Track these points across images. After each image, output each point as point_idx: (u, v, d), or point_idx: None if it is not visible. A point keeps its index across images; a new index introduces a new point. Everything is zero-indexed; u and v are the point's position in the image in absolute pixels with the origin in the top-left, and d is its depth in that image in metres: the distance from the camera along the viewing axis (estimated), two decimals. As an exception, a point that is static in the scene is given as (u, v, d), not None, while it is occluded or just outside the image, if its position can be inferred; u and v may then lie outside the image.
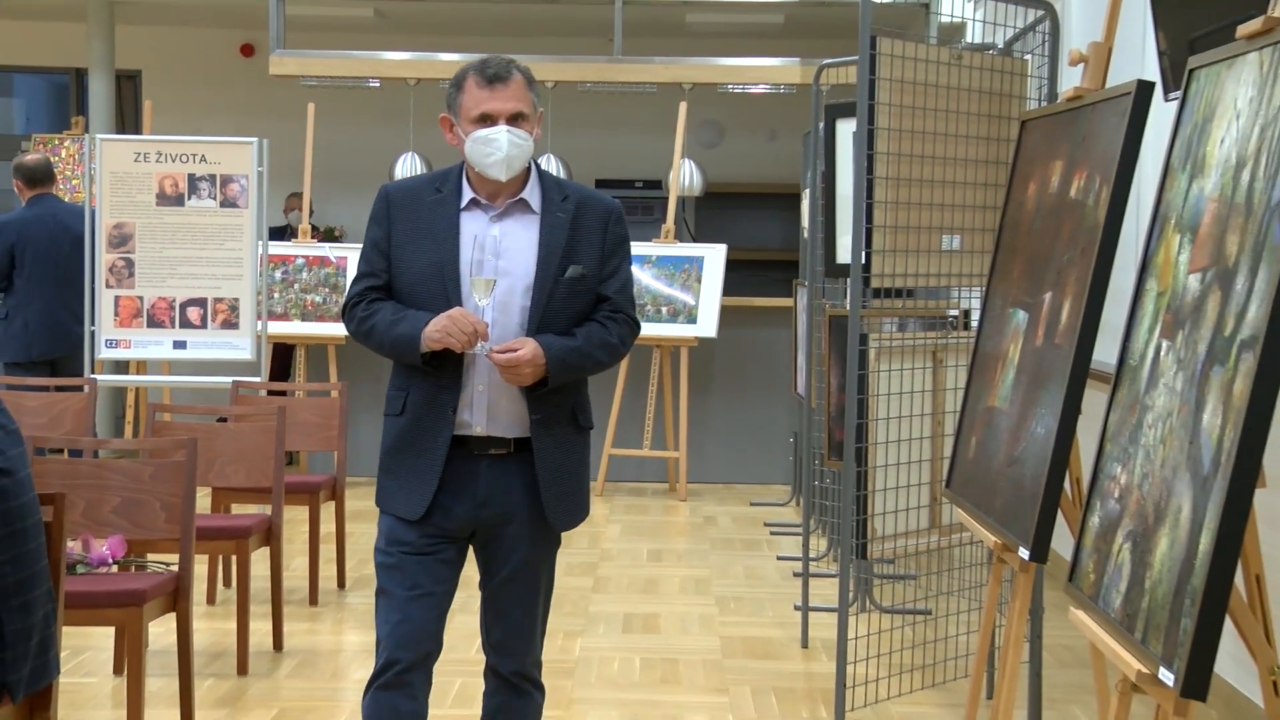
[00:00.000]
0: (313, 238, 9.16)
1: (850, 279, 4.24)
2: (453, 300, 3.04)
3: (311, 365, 9.01)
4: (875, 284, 4.37)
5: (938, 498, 4.70)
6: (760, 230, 11.29)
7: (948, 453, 4.23)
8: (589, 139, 10.98)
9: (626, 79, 9.25)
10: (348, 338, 3.44)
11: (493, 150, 3.02)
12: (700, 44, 10.42)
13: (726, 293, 8.72)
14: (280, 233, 9.58)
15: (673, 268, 8.77)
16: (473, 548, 3.20)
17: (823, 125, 6.06)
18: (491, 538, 3.14)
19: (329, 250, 8.91)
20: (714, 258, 8.76)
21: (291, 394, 7.17)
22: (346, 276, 8.65)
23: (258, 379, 7.19)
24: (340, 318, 3.25)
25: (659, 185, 10.65)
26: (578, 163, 10.06)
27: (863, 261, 4.21)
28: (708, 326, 8.59)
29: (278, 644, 5.13)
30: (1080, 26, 6.32)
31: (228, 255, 7.28)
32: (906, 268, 4.39)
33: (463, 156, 3.11)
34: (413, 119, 8.92)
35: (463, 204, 3.12)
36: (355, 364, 8.58)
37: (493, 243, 3.06)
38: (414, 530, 3.09)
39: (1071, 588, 2.96)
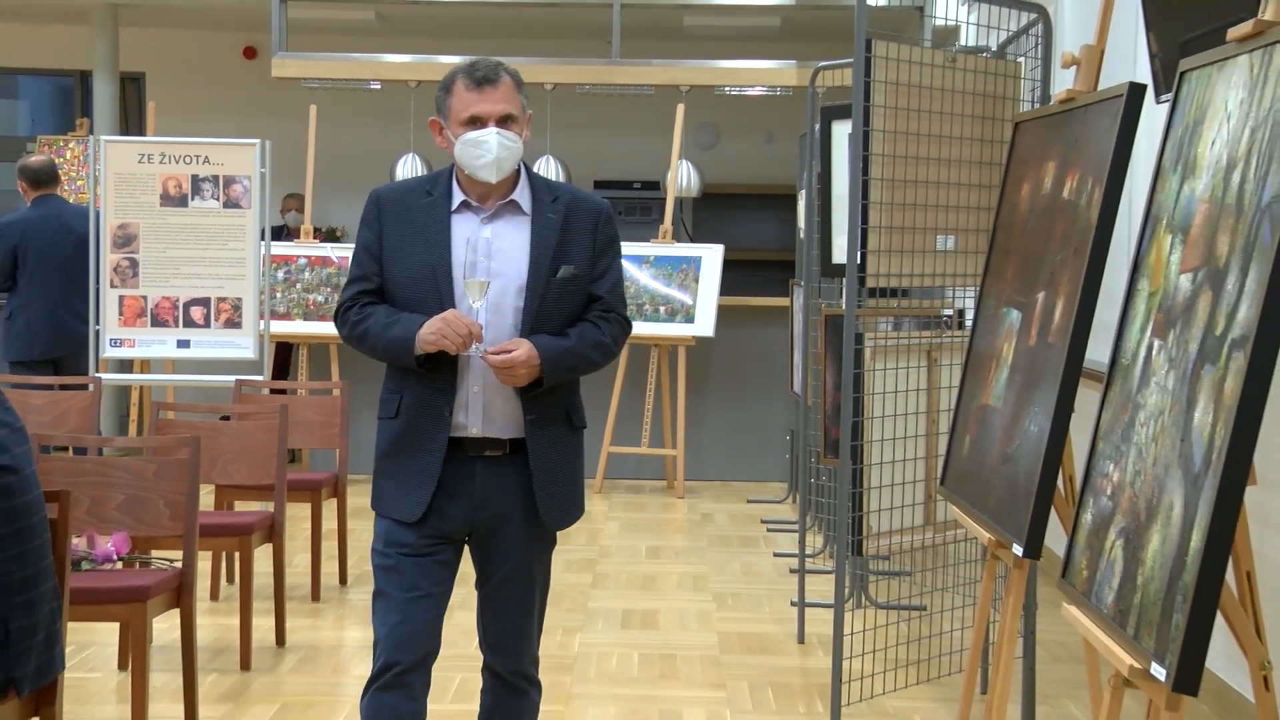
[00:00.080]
0: (314, 238, 9.15)
1: (846, 279, 4.24)
2: (446, 303, 3.02)
3: (313, 364, 9.01)
4: (870, 284, 4.37)
5: (932, 495, 4.70)
6: (757, 231, 11.29)
7: (942, 450, 4.23)
8: (587, 140, 10.98)
9: (624, 81, 9.25)
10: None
11: (482, 152, 3.01)
12: (697, 46, 10.41)
13: (723, 292, 8.71)
14: (277, 233, 9.57)
15: (670, 268, 8.77)
16: (468, 548, 3.18)
17: (818, 127, 6.06)
18: (488, 539, 3.13)
19: (331, 250, 8.90)
20: (711, 258, 8.76)
21: (294, 392, 7.17)
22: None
23: (260, 378, 7.19)
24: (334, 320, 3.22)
25: (657, 186, 10.65)
26: (576, 164, 10.05)
27: (858, 261, 4.21)
28: (705, 326, 8.59)
29: (280, 639, 5.13)
30: (1072, 29, 6.32)
31: (231, 255, 7.28)
32: (901, 268, 4.39)
33: (452, 159, 3.09)
34: (413, 120, 8.90)
35: (453, 206, 3.09)
36: (356, 363, 8.57)
37: (484, 244, 3.04)
38: (412, 532, 3.06)
39: (1064, 584, 2.96)
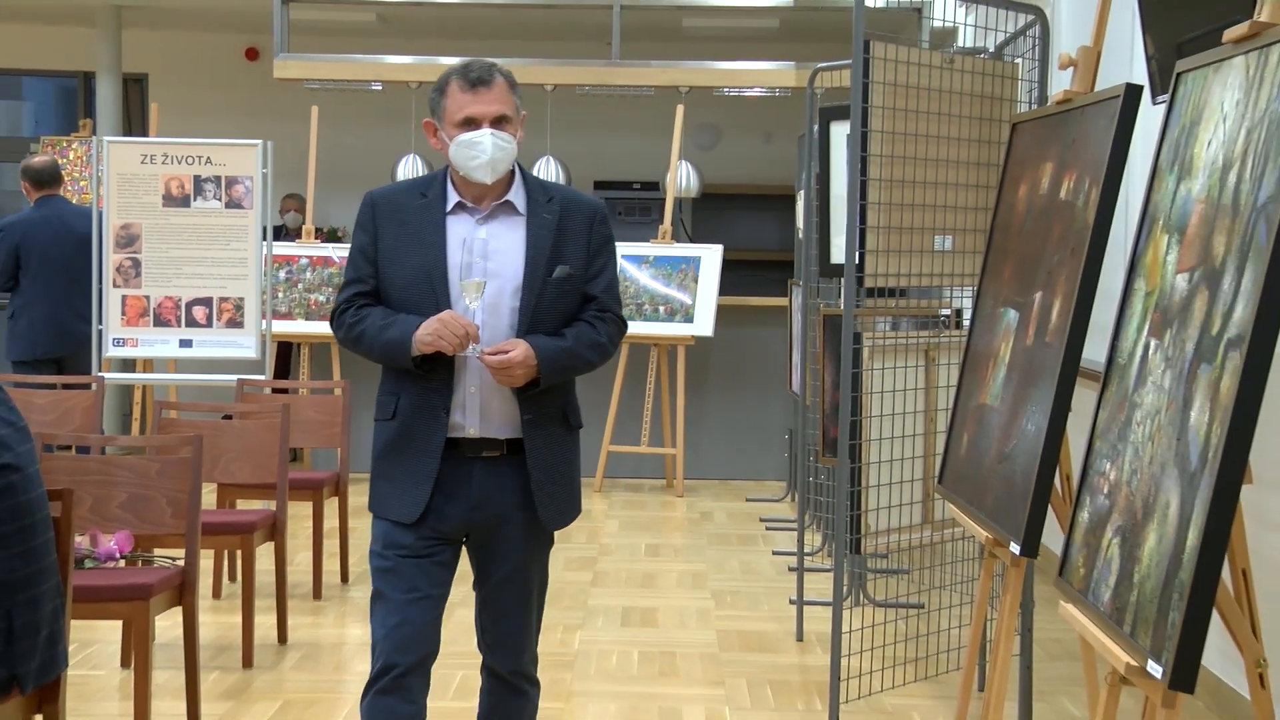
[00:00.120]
0: (316, 238, 9.15)
1: (844, 279, 4.24)
2: (442, 304, 3.00)
3: (315, 363, 9.01)
4: (869, 284, 4.37)
5: (930, 494, 4.70)
6: (756, 231, 11.29)
7: (940, 449, 4.23)
8: (587, 141, 10.97)
9: (624, 82, 9.24)
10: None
11: (477, 153, 2.99)
12: (697, 48, 10.40)
13: (723, 292, 8.71)
14: (276, 233, 9.54)
15: (670, 268, 8.77)
16: (466, 549, 3.16)
17: (817, 128, 6.06)
18: (486, 539, 3.11)
19: (332, 250, 8.90)
20: (710, 258, 8.76)
21: (295, 392, 7.17)
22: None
23: (262, 377, 7.19)
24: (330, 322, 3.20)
25: (656, 187, 10.64)
26: (576, 165, 10.05)
27: (856, 261, 4.21)
28: (704, 325, 8.59)
29: (282, 637, 5.13)
30: (1070, 31, 6.31)
31: (233, 255, 7.28)
32: (899, 268, 4.39)
33: (447, 161, 3.07)
34: (414, 121, 8.88)
35: (448, 208, 3.08)
36: (357, 363, 8.49)
37: (480, 245, 3.03)
38: (410, 533, 3.05)
39: (1061, 582, 2.96)
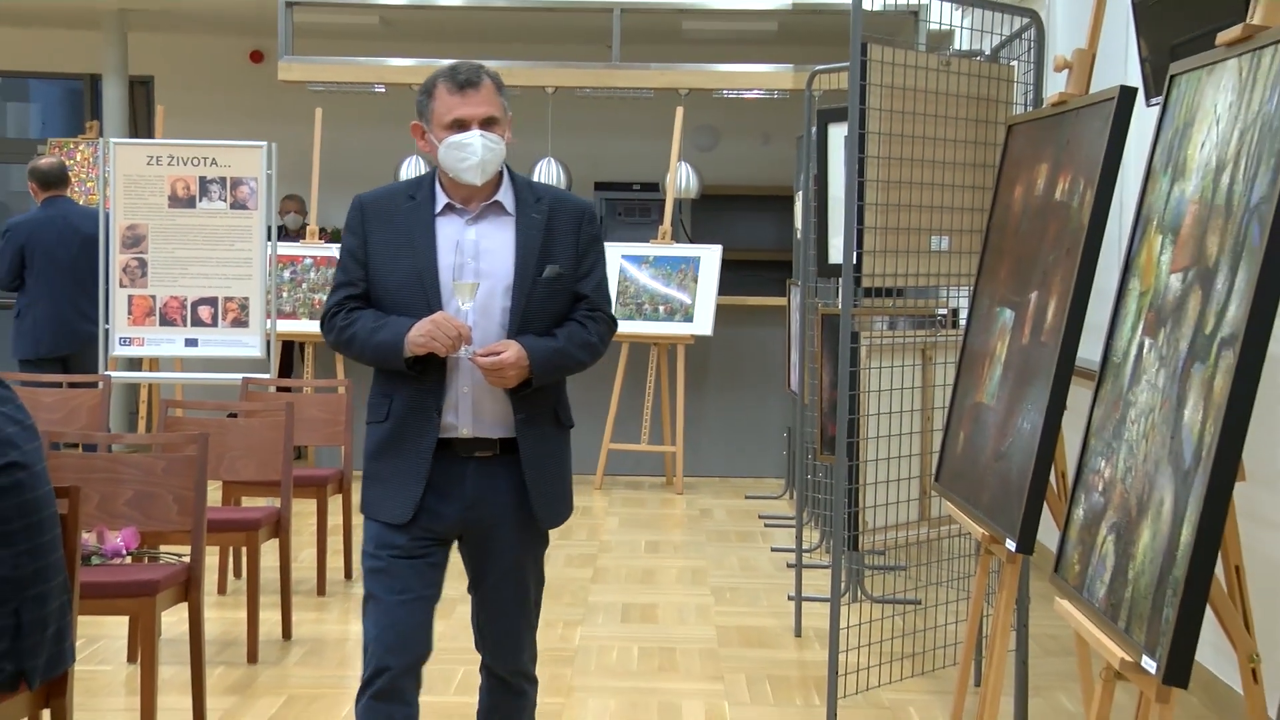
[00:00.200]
0: (320, 238, 9.15)
1: (842, 279, 4.24)
2: (433, 305, 2.99)
3: (318, 363, 9.01)
4: (866, 283, 4.37)
5: (927, 491, 4.70)
6: (755, 231, 11.29)
7: (937, 447, 4.23)
8: (588, 143, 10.98)
9: (624, 84, 9.24)
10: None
11: (467, 155, 2.97)
12: (696, 50, 10.40)
13: (722, 292, 8.71)
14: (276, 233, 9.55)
15: (670, 268, 8.77)
16: (459, 551, 3.13)
17: (815, 129, 6.06)
18: (480, 541, 3.09)
19: (336, 250, 8.88)
20: (710, 258, 8.76)
21: (300, 390, 7.17)
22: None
23: (267, 376, 7.18)
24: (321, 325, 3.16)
25: (656, 188, 10.65)
26: (577, 166, 10.05)
27: (854, 262, 4.21)
28: (704, 325, 8.59)
29: (286, 633, 5.13)
30: (1065, 34, 6.31)
31: (238, 256, 7.28)
32: (897, 268, 4.39)
33: (435, 163, 3.05)
34: (417, 123, 8.89)
35: (437, 210, 3.06)
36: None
37: (471, 246, 3.02)
38: (402, 534, 3.02)
39: (1057, 578, 2.96)
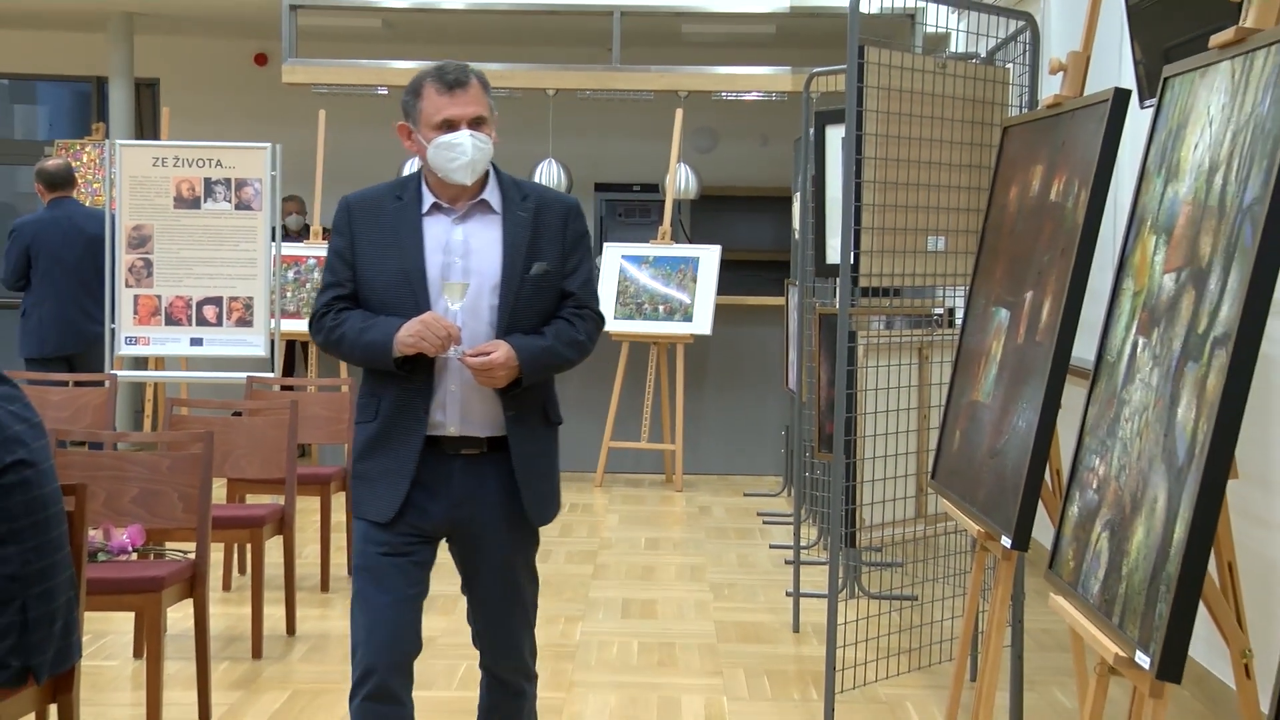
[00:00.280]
0: (324, 239, 9.15)
1: (839, 278, 4.24)
2: (421, 305, 2.96)
3: (322, 361, 9.01)
4: (863, 283, 4.37)
5: (923, 488, 4.70)
6: (753, 232, 11.29)
7: (933, 445, 4.23)
8: (588, 144, 10.98)
9: (624, 87, 9.24)
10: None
11: (457, 155, 2.95)
12: (695, 53, 10.39)
13: (721, 292, 8.71)
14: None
15: (669, 268, 8.77)
16: (451, 552, 3.11)
17: (813, 131, 6.06)
18: (469, 541, 3.06)
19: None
20: (709, 258, 8.76)
21: (303, 389, 7.16)
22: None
23: (271, 375, 7.19)
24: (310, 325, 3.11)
25: (656, 189, 10.65)
26: (577, 167, 10.05)
27: (851, 262, 4.21)
28: (703, 324, 8.59)
29: (291, 628, 5.13)
30: (1059, 36, 6.31)
31: (242, 256, 7.28)
32: (893, 268, 4.38)
33: (423, 163, 3.02)
34: (419, 125, 8.88)
35: (424, 209, 3.03)
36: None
37: (459, 246, 3.00)
38: (388, 532, 2.99)
39: (1052, 575, 2.96)
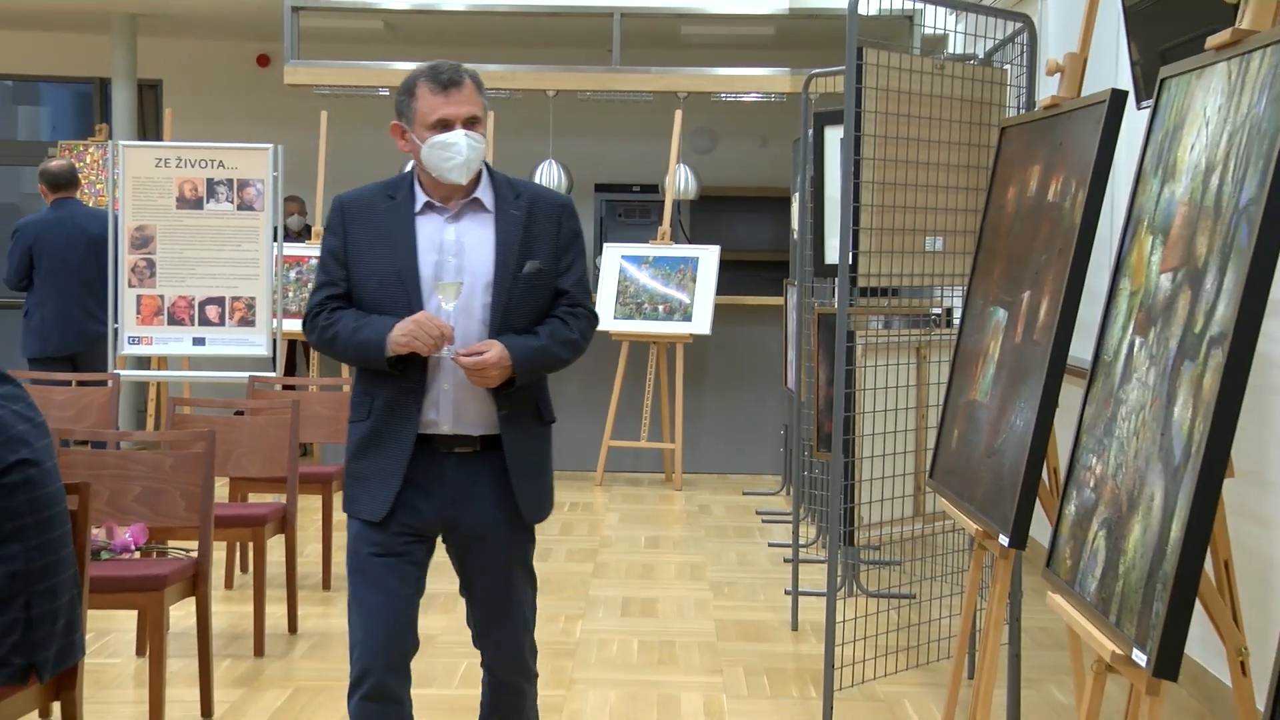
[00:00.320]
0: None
1: (838, 278, 4.24)
2: (414, 304, 2.95)
3: (323, 361, 9.01)
4: (862, 283, 4.37)
5: (921, 487, 4.70)
6: (752, 232, 11.29)
7: (931, 444, 4.23)
8: (588, 145, 10.98)
9: (624, 88, 9.24)
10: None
11: (452, 155, 2.94)
12: (695, 55, 10.40)
13: (720, 292, 8.71)
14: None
15: (669, 268, 8.77)
16: (448, 553, 3.09)
17: (812, 132, 6.06)
18: (464, 541, 3.04)
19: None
20: (708, 258, 8.75)
21: (305, 388, 7.17)
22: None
23: (273, 374, 7.19)
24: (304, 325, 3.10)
25: (655, 189, 10.65)
26: (577, 168, 10.05)
27: (850, 262, 4.21)
28: (702, 324, 8.59)
29: (292, 626, 5.13)
30: (1057, 38, 6.31)
31: (244, 256, 7.28)
32: (892, 268, 4.38)
33: (417, 162, 3.01)
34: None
35: (417, 208, 3.02)
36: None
37: (452, 245, 2.99)
38: (381, 532, 2.98)
39: (1049, 573, 2.96)
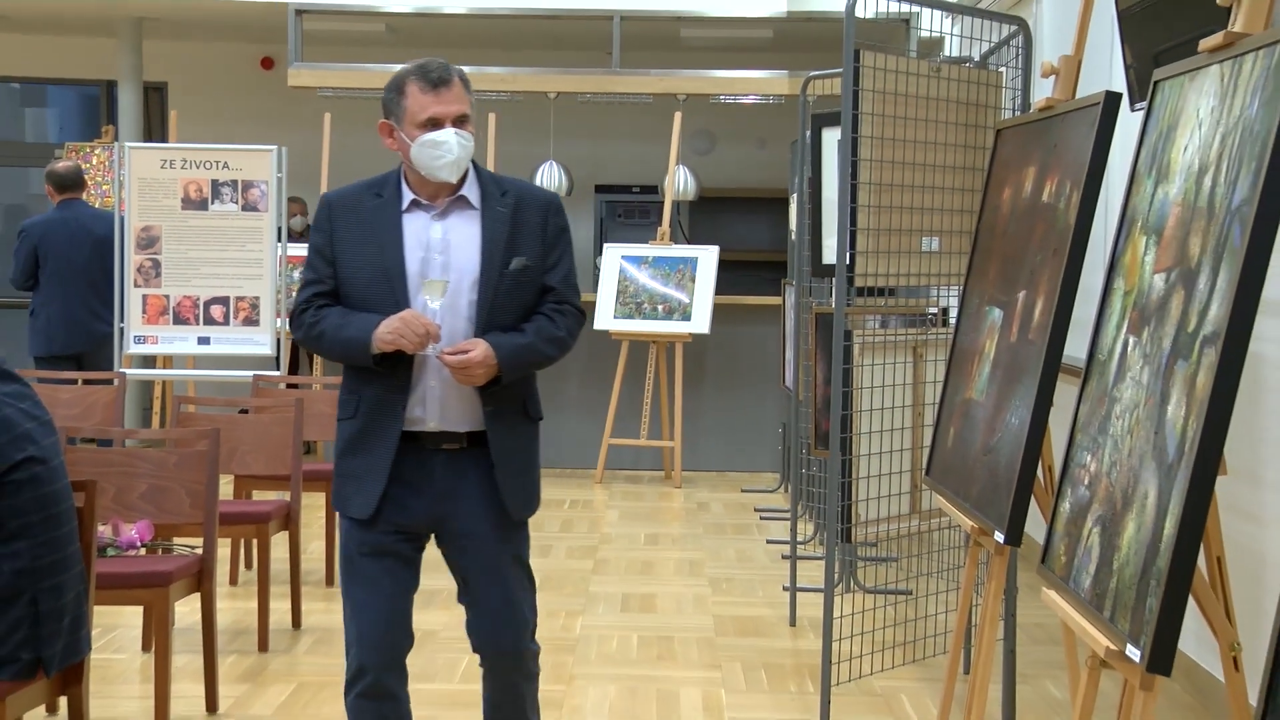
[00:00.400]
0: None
1: (835, 278, 4.24)
2: (401, 302, 2.93)
3: (327, 360, 8.99)
4: (859, 283, 4.36)
5: (918, 485, 4.70)
6: (750, 233, 11.28)
7: (927, 442, 4.23)
8: (588, 147, 10.98)
9: (624, 90, 9.23)
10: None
11: (443, 153, 2.92)
12: (693, 57, 10.39)
13: (719, 291, 8.71)
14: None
15: (668, 268, 8.76)
16: (444, 557, 3.07)
17: (809, 133, 6.05)
18: (456, 539, 3.02)
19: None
20: (707, 258, 8.75)
21: (308, 387, 7.16)
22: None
23: (277, 373, 7.19)
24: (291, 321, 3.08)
25: (655, 190, 10.64)
26: (578, 169, 10.04)
27: (847, 262, 4.20)
28: (701, 323, 8.59)
29: (296, 622, 5.13)
30: (1051, 40, 6.31)
31: (249, 256, 7.28)
32: (888, 268, 4.38)
33: (405, 160, 3.00)
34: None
35: (404, 206, 3.01)
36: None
37: (438, 243, 2.97)
38: (371, 529, 2.96)
39: (1044, 569, 2.96)
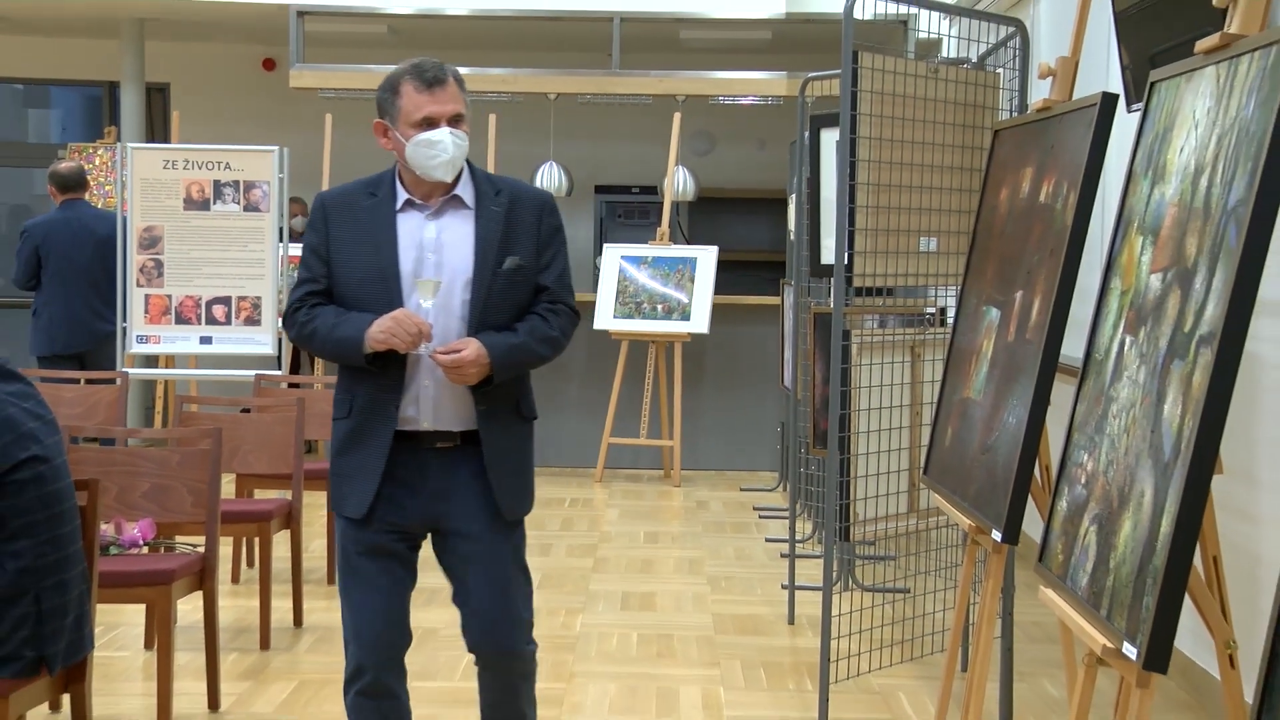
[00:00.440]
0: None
1: (834, 278, 4.24)
2: (395, 301, 2.92)
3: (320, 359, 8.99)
4: (857, 283, 4.36)
5: (916, 484, 4.70)
6: (749, 233, 11.28)
7: (925, 441, 4.23)
8: (588, 147, 10.98)
9: (624, 91, 9.24)
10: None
11: (438, 153, 2.92)
12: (693, 58, 10.40)
13: (718, 291, 8.71)
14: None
15: (667, 268, 8.77)
16: (439, 559, 3.06)
17: (808, 134, 6.05)
18: (451, 539, 3.01)
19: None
20: (706, 259, 8.75)
21: (310, 386, 7.16)
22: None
23: (279, 372, 7.19)
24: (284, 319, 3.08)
25: (654, 191, 10.64)
26: (578, 170, 10.04)
27: (845, 262, 4.20)
28: (700, 323, 8.59)
29: (298, 620, 5.13)
30: (1049, 42, 6.31)
31: (250, 256, 7.28)
32: (887, 268, 4.38)
33: (400, 160, 3.00)
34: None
35: (398, 206, 3.00)
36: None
37: (431, 242, 2.97)
38: (366, 529, 2.96)
39: (1041, 568, 2.96)
